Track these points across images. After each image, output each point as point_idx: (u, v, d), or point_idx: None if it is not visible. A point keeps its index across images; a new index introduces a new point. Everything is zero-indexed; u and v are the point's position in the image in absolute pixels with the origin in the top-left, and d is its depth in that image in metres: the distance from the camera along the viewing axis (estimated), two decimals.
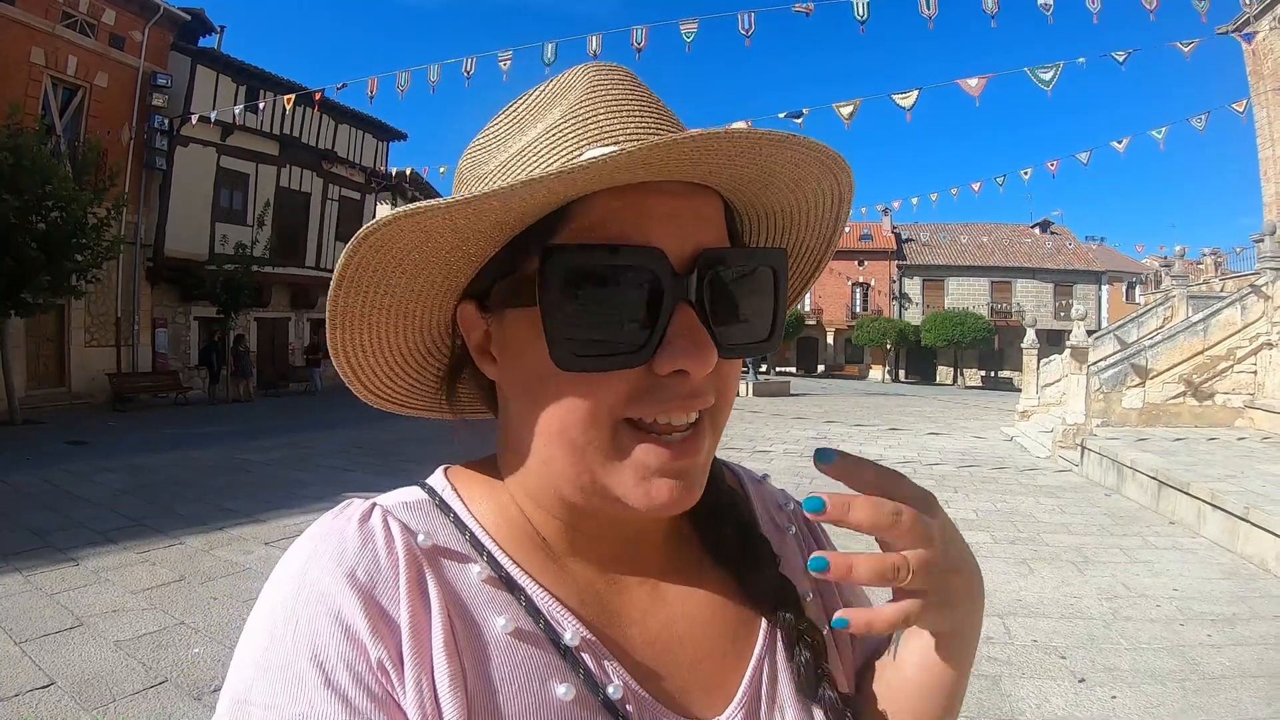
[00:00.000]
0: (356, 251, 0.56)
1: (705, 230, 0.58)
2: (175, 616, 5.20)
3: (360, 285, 0.60)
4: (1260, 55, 20.91)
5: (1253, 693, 4.34)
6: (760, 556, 0.72)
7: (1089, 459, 11.73)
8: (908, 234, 53.31)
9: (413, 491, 0.66)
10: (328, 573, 0.56)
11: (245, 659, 0.55)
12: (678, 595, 0.69)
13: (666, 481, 0.58)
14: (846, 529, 0.57)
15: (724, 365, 0.59)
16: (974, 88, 11.39)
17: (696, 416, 0.59)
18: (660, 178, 0.55)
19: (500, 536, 0.64)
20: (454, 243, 0.58)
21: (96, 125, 20.17)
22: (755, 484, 0.84)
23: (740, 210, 0.67)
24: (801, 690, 0.67)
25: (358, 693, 0.52)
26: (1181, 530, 8.21)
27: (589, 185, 0.53)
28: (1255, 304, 14.18)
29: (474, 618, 0.58)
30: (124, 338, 22.03)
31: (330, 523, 0.61)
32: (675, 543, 0.72)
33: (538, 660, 0.58)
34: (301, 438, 14.76)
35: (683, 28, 11.49)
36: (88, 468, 10.85)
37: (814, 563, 0.56)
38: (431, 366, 0.71)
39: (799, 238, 0.72)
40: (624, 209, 0.55)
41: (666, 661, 0.65)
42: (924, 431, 17.85)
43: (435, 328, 0.68)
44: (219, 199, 24.52)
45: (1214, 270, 23.09)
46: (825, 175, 0.62)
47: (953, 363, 49.35)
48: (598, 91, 0.60)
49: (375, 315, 0.63)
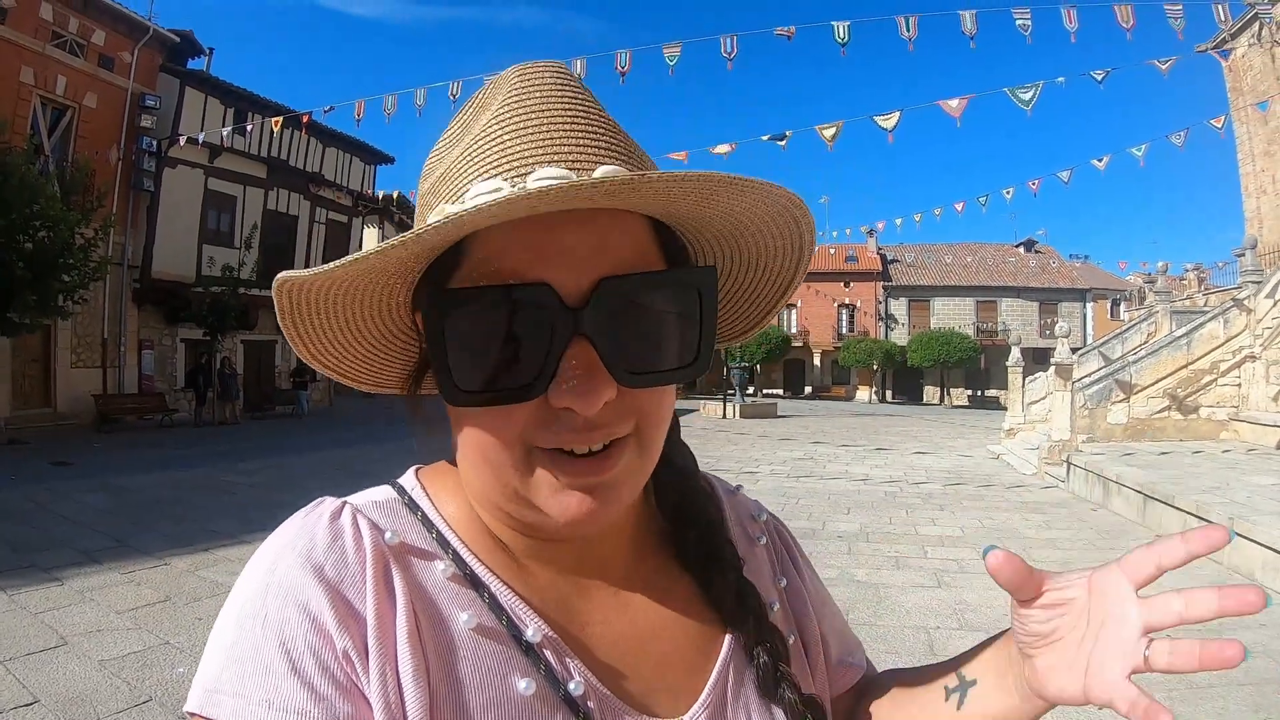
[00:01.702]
0: (280, 300, 0.58)
1: (609, 259, 0.56)
2: (160, 636, 5.15)
3: (302, 319, 0.61)
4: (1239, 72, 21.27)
5: (1239, 701, 4.36)
6: (724, 558, 0.72)
7: (1075, 475, 11.78)
8: (893, 255, 53.64)
9: (383, 490, 0.68)
10: (296, 567, 0.58)
11: (215, 649, 0.56)
12: (642, 598, 0.70)
13: (578, 495, 0.58)
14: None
15: (641, 393, 0.58)
16: (955, 108, 11.54)
17: (603, 445, 0.58)
18: (558, 208, 0.53)
19: (466, 535, 0.65)
20: (366, 284, 0.60)
21: (85, 145, 20.16)
22: (729, 494, 0.84)
23: (680, 227, 0.65)
24: (762, 691, 0.68)
25: (323, 680, 0.53)
26: None
27: (463, 230, 0.53)
28: (1238, 317, 14.33)
29: (438, 613, 0.60)
30: (110, 359, 21.88)
31: (301, 520, 0.63)
32: (641, 547, 0.73)
33: (500, 656, 0.60)
34: (287, 460, 14.69)
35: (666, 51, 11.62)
36: (72, 488, 10.74)
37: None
38: (409, 359, 0.71)
39: (759, 259, 0.69)
40: (516, 243, 0.55)
41: (630, 662, 0.66)
42: (910, 451, 17.88)
43: (400, 333, 0.68)
44: (206, 221, 24.48)
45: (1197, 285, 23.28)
46: (740, 195, 0.58)
47: (939, 382, 49.50)
48: (511, 105, 0.60)
49: (333, 333, 0.64)
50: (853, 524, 9.38)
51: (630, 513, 0.71)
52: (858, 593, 6.44)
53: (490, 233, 0.55)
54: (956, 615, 5.94)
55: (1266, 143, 21.08)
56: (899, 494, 11.80)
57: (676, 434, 0.74)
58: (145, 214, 22.62)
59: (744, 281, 0.71)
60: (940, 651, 5.20)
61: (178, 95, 22.82)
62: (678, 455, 0.75)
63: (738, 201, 0.59)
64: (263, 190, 26.42)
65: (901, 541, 8.44)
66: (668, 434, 0.68)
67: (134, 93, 21.78)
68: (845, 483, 12.89)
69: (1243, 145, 22.22)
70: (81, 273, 16.91)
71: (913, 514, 10.06)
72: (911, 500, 11.19)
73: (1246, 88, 21.12)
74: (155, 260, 22.73)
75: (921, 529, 9.12)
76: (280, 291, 0.57)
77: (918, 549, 8.07)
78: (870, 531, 8.95)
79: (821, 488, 12.32)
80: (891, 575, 7.05)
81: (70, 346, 20.80)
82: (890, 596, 6.40)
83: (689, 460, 0.77)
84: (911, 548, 8.12)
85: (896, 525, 9.36)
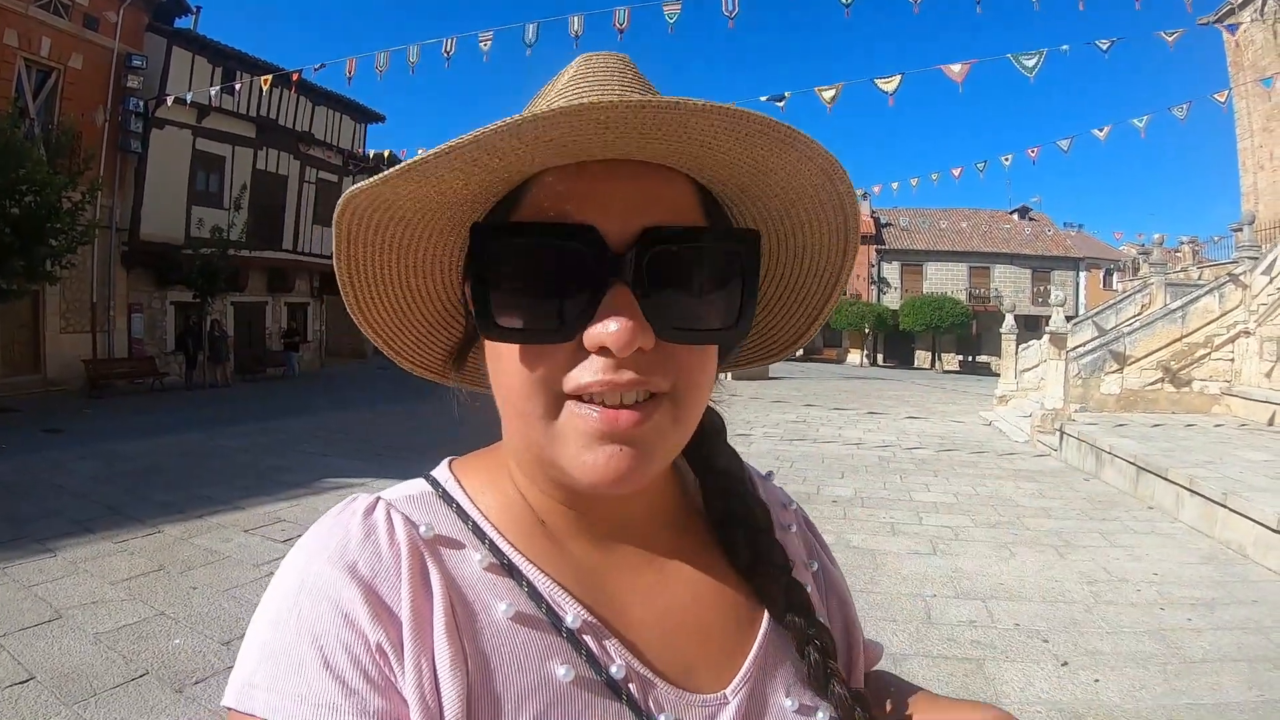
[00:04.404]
0: (339, 237, 0.61)
1: (655, 211, 0.57)
2: (155, 607, 5.14)
3: (359, 266, 0.63)
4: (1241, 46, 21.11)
5: (1233, 676, 4.40)
6: (775, 562, 0.72)
7: (1068, 444, 11.84)
8: (887, 219, 53.35)
9: (417, 484, 0.69)
10: (330, 565, 0.58)
11: (250, 647, 0.57)
12: (680, 579, 0.70)
13: (605, 450, 0.57)
14: None
15: (680, 351, 0.59)
16: (957, 73, 11.39)
17: (643, 396, 0.58)
18: (596, 156, 0.55)
19: (502, 524, 0.66)
20: (425, 226, 0.62)
21: (71, 108, 19.75)
22: (763, 483, 0.85)
23: (723, 197, 0.65)
24: (813, 687, 0.69)
25: (355, 675, 0.54)
26: (1160, 515, 8.31)
27: (506, 166, 0.55)
28: (1233, 292, 14.36)
29: (475, 603, 0.60)
30: (99, 323, 21.66)
31: (335, 518, 0.63)
32: (679, 528, 0.73)
33: (538, 643, 0.60)
34: (279, 423, 14.62)
35: (666, 9, 11.41)
36: (64, 456, 10.69)
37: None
38: (444, 337, 0.73)
39: (804, 249, 0.70)
40: (570, 190, 0.57)
41: (670, 639, 0.66)
42: (902, 415, 17.93)
43: (448, 302, 0.70)
44: (195, 182, 24.12)
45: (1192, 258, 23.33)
46: (785, 152, 0.58)
47: (931, 347, 49.56)
48: (574, 82, 0.62)
49: (383, 288, 0.66)
50: (847, 489, 9.44)
51: (670, 490, 0.73)
52: (855, 559, 6.47)
53: (546, 178, 0.57)
54: (953, 583, 5.98)
55: (1266, 119, 20.98)
56: (892, 459, 11.86)
57: (724, 438, 0.77)
58: (133, 176, 22.24)
59: (791, 279, 0.73)
60: (937, 620, 5.24)
61: (164, 55, 22.33)
62: (722, 458, 0.75)
63: (777, 159, 0.59)
64: (252, 150, 26.01)
65: (896, 507, 8.50)
66: (716, 438, 0.74)
67: (120, 53, 21.30)
68: (838, 446, 12.96)
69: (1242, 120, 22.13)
70: (69, 237, 16.69)
71: (906, 479, 10.12)
72: (905, 465, 11.25)
73: (1248, 63, 20.96)
74: (143, 222, 22.40)
75: (915, 495, 9.19)
76: (343, 213, 0.59)
77: (913, 515, 8.12)
78: (865, 497, 9.03)
79: (815, 451, 12.38)
80: (887, 541, 7.10)
81: (59, 312, 20.56)
82: (887, 563, 6.44)
83: (735, 464, 0.77)
84: (906, 514, 8.18)
85: (890, 490, 9.43)
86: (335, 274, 0.63)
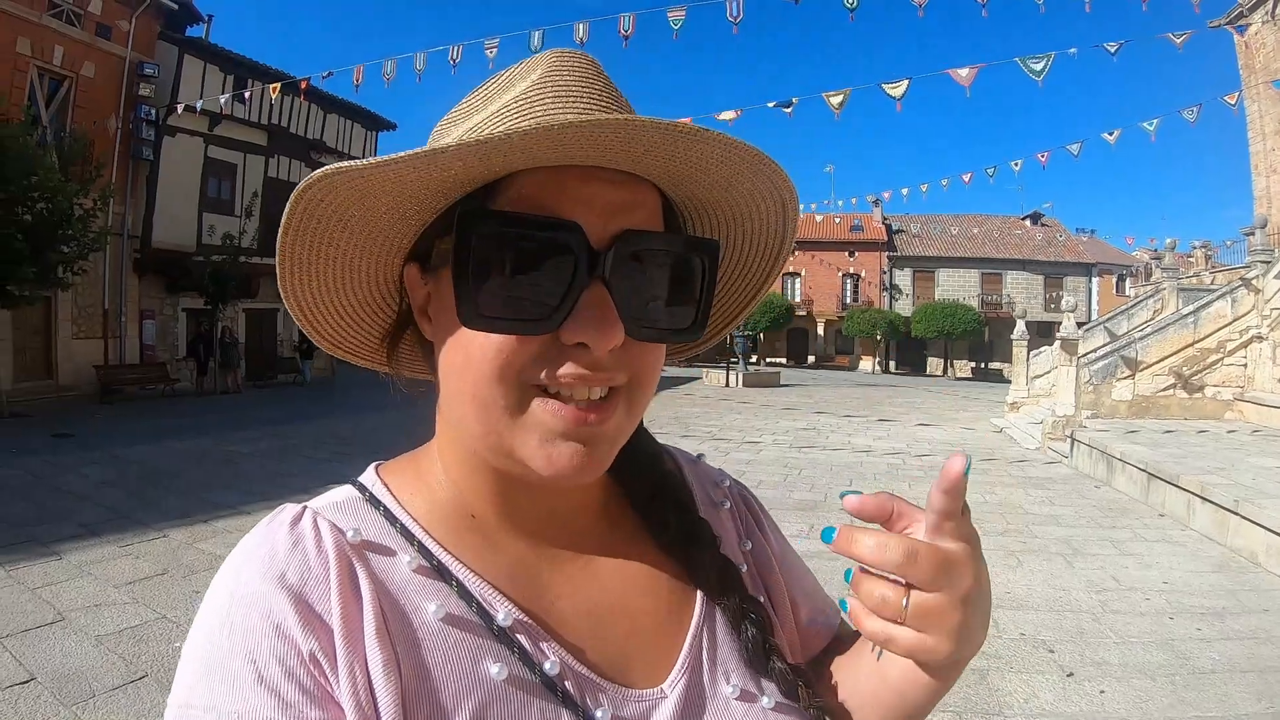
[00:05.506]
0: (298, 203, 0.60)
1: (633, 216, 0.60)
2: (157, 611, 5.15)
3: (305, 235, 0.63)
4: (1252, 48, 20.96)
5: (1243, 688, 4.33)
6: (701, 538, 0.74)
7: (1079, 451, 11.74)
8: (898, 225, 53.28)
9: (344, 491, 0.69)
10: (259, 576, 0.58)
11: (186, 664, 0.57)
12: (611, 569, 0.71)
13: (569, 446, 0.59)
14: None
15: (639, 347, 0.61)
16: (965, 77, 11.37)
17: (605, 392, 0.60)
18: (585, 162, 0.57)
19: (431, 525, 0.66)
20: (389, 205, 0.61)
21: (83, 115, 19.90)
22: (691, 464, 0.87)
23: (682, 208, 0.69)
24: (751, 665, 0.69)
25: (289, 687, 0.54)
26: (1171, 523, 8.22)
27: (504, 160, 0.55)
28: (1245, 297, 14.22)
29: (405, 606, 0.60)
30: (111, 330, 21.79)
31: (263, 530, 0.63)
32: (609, 518, 0.74)
33: (470, 643, 0.60)
34: (288, 429, 14.66)
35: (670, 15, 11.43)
36: (73, 460, 10.73)
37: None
38: (379, 321, 0.74)
39: (747, 239, 0.73)
40: (553, 187, 0.58)
41: (602, 634, 0.67)
42: (914, 423, 17.82)
43: (383, 284, 0.70)
44: (207, 189, 24.25)
45: (1204, 263, 23.15)
46: (757, 176, 0.63)
47: (943, 354, 49.41)
48: (552, 77, 0.62)
49: (322, 265, 0.65)
50: None
51: (601, 481, 0.73)
52: None
53: (528, 175, 0.58)
54: None
55: (1278, 122, 20.80)
56: (902, 466, 11.80)
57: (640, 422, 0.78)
58: (145, 183, 22.39)
59: (737, 257, 0.75)
60: None
61: (176, 63, 22.51)
62: (645, 440, 0.78)
63: (749, 182, 0.64)
64: (263, 158, 26.17)
65: None
66: None
67: (132, 61, 21.46)
68: (848, 454, 12.88)
69: (1253, 123, 21.95)
70: (81, 243, 16.80)
71: (915, 487, 10.03)
72: (914, 473, 11.17)
73: (1259, 65, 20.80)
74: (155, 229, 22.55)
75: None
76: (310, 186, 0.59)
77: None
78: None
79: (824, 459, 12.30)
80: None
81: (71, 318, 20.70)
82: None
83: (653, 444, 0.80)
84: None
85: None
86: (277, 250, 0.63)
